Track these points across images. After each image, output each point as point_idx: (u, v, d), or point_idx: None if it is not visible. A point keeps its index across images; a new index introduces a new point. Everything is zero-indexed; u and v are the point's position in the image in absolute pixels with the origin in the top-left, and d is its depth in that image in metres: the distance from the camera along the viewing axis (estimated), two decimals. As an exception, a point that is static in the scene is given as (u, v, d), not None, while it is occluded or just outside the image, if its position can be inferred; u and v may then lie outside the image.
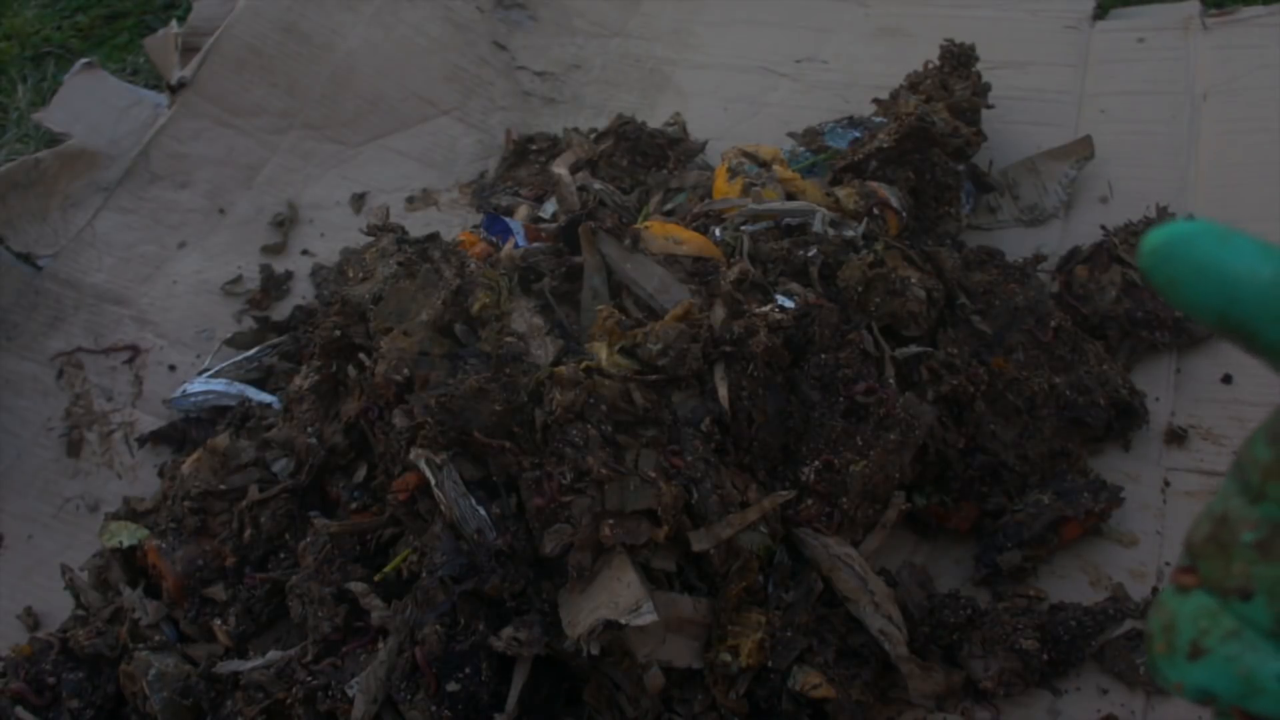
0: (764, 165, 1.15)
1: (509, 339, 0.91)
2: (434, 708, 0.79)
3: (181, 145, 1.42)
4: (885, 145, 1.15)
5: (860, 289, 0.98)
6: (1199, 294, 0.26)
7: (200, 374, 1.21)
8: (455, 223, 1.38)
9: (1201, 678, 0.27)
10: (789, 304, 0.96)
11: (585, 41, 1.60)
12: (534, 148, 1.45)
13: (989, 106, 1.29)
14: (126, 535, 1.01)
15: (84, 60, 1.48)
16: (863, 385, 0.92)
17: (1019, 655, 0.86)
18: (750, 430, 0.90)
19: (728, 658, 0.83)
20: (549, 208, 1.30)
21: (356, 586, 0.87)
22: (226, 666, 0.90)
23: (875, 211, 1.09)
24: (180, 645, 0.94)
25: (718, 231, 1.06)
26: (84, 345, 1.27)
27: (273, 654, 0.89)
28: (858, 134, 1.27)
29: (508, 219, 1.19)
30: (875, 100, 1.32)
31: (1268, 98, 1.28)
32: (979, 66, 1.31)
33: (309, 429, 0.99)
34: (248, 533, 0.95)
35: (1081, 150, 1.27)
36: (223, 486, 0.98)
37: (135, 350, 1.27)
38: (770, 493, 0.89)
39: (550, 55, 1.59)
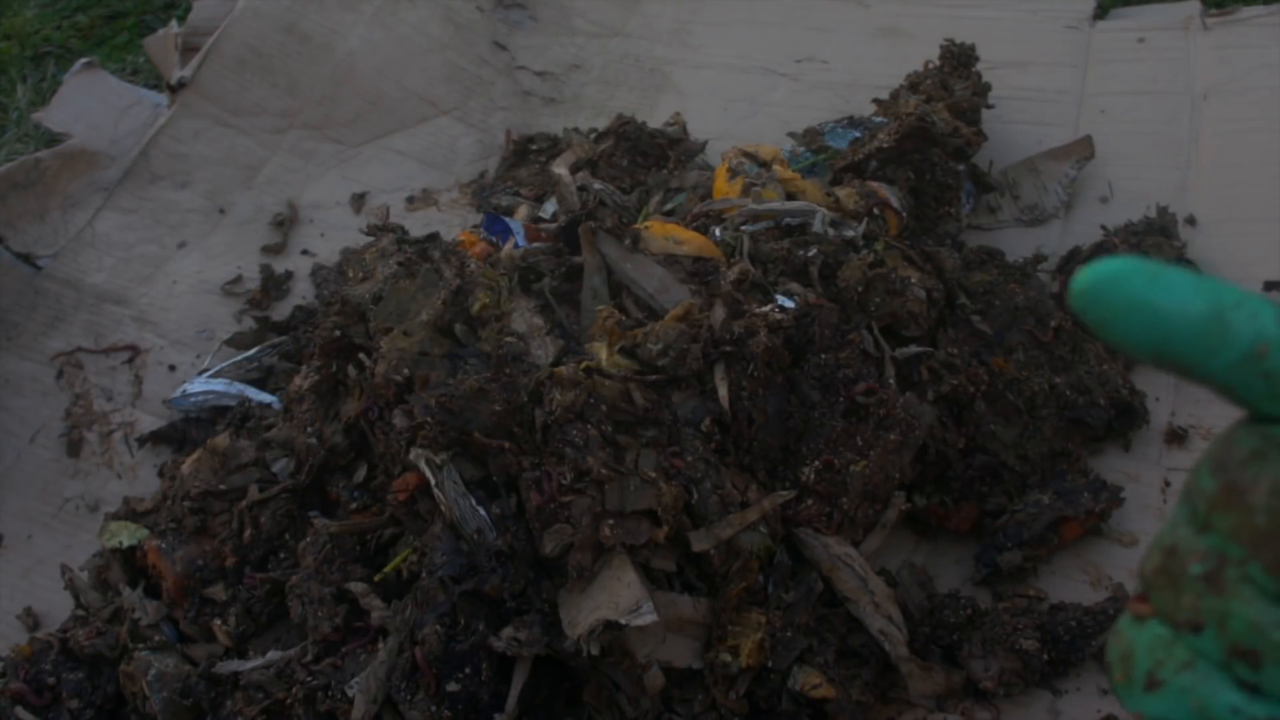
0: (764, 165, 1.15)
1: (509, 339, 0.91)
2: (434, 708, 0.79)
3: (181, 145, 1.42)
4: (885, 145, 1.15)
5: (860, 289, 0.98)
6: (1131, 333, 0.26)
7: (200, 374, 1.21)
8: (455, 223, 1.38)
9: (1159, 709, 0.27)
10: (789, 304, 0.96)
11: (585, 41, 1.60)
12: (534, 148, 1.45)
13: (989, 106, 1.29)
14: (126, 535, 1.01)
15: (84, 60, 1.48)
16: (863, 385, 0.92)
17: (1019, 655, 0.86)
18: (750, 430, 0.90)
19: (728, 658, 0.83)
20: (549, 208, 1.30)
21: (356, 586, 0.87)
22: (226, 666, 0.90)
23: (875, 211, 1.09)
24: (180, 645, 0.94)
25: (718, 231, 1.06)
26: (84, 345, 1.27)
27: (273, 654, 0.89)
28: (858, 134, 1.27)
29: (508, 219, 1.19)
30: (875, 100, 1.32)
31: (1268, 98, 1.28)
32: (979, 66, 1.31)
33: (309, 429, 0.99)
34: (248, 533, 0.95)
35: (1081, 150, 1.27)
36: (223, 486, 0.98)
37: (135, 350, 1.27)
38: (770, 493, 0.89)
39: (550, 55, 1.59)
